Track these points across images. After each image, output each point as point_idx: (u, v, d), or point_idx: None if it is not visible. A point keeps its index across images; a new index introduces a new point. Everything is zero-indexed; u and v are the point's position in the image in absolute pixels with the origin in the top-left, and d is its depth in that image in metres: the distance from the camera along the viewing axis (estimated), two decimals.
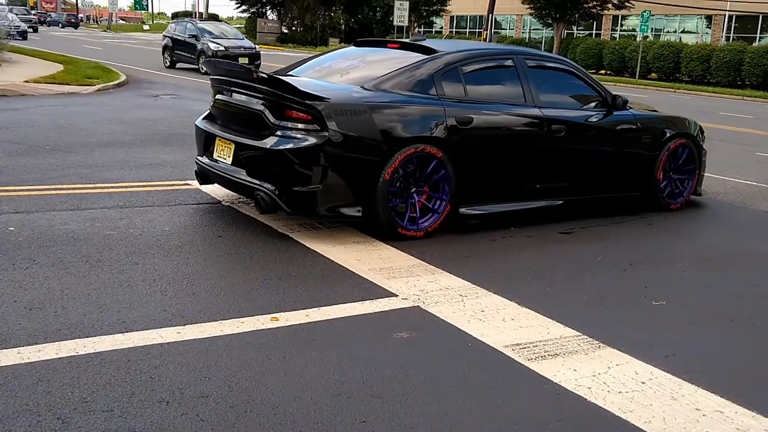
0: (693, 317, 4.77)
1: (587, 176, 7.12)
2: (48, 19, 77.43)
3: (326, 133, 5.55)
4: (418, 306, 4.59)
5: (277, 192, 5.65)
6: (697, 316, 4.81)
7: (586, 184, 7.14)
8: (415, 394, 3.46)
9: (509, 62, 6.74)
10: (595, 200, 7.27)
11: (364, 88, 6.01)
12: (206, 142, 6.49)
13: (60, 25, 75.91)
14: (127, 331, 3.90)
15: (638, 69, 34.98)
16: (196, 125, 6.75)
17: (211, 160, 6.35)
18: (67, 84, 17.62)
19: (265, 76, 5.79)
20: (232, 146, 6.04)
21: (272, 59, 32.55)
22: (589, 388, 3.64)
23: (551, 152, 6.76)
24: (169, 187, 7.39)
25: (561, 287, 5.17)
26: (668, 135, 7.58)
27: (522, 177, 6.67)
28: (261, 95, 5.87)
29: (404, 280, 5.06)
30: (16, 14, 46.50)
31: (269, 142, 5.68)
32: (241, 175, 5.92)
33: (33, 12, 69.11)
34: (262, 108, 5.83)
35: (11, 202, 6.37)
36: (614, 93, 7.40)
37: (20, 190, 6.81)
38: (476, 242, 6.16)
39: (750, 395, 3.67)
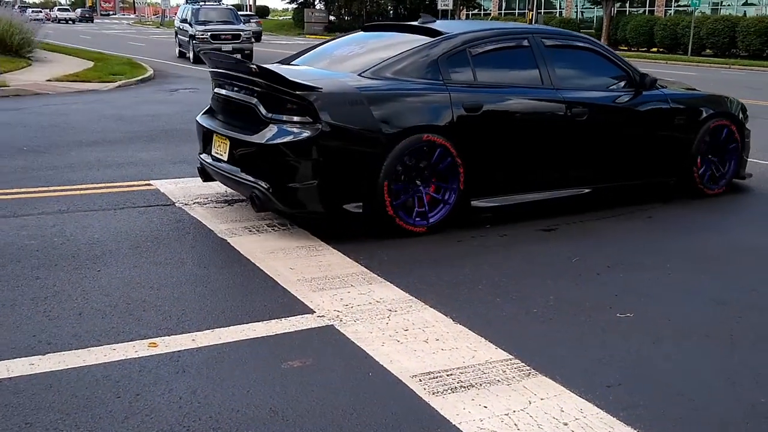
0: (660, 333, 4.05)
1: (615, 162, 6.54)
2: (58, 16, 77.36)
3: (319, 125, 5.15)
4: (332, 325, 4.00)
5: (271, 189, 5.25)
6: (665, 331, 4.08)
7: (614, 170, 6.58)
8: None
9: (524, 42, 6.20)
10: (625, 187, 6.68)
11: (361, 76, 5.60)
12: (205, 139, 6.14)
13: (69, 21, 75.76)
14: None
15: (690, 45, 33.30)
16: (196, 121, 6.39)
17: (210, 158, 5.97)
18: (89, 81, 17.51)
19: (254, 66, 5.41)
20: (228, 142, 5.67)
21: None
22: None
23: (573, 138, 6.22)
24: (127, 189, 6.95)
25: (513, 297, 4.50)
26: (705, 115, 6.93)
27: (540, 166, 6.15)
28: (253, 87, 5.51)
29: (332, 292, 4.47)
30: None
31: (261, 137, 5.31)
32: (237, 172, 5.56)
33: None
34: (255, 101, 5.46)
35: None
36: (642, 71, 6.75)
37: None
38: (439, 244, 5.53)
39: None
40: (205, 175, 6.26)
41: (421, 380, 3.41)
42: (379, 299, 4.38)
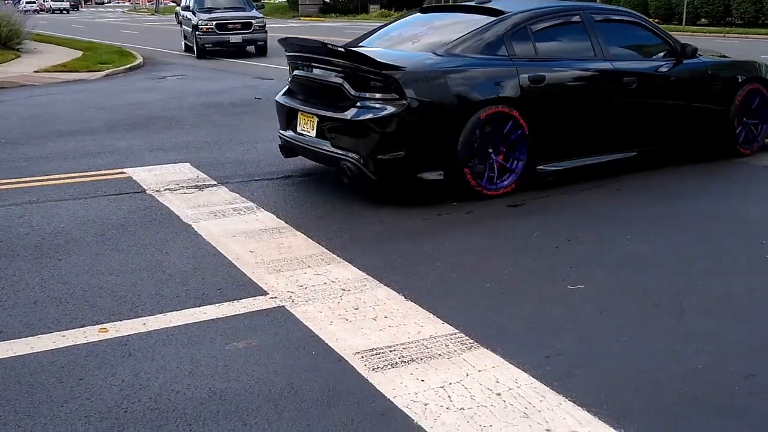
0: (609, 303, 4.09)
1: (661, 126, 6.98)
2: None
3: (405, 101, 5.62)
4: (283, 306, 4.04)
5: (361, 161, 5.74)
6: (615, 301, 4.12)
7: (660, 134, 7.02)
8: (202, 425, 2.94)
9: (576, 18, 6.68)
10: (669, 150, 7.16)
11: (437, 54, 6.05)
12: (288, 117, 6.60)
13: (63, 11, 75.14)
14: None
15: (685, 15, 33.06)
16: (276, 101, 6.88)
17: (295, 134, 6.46)
18: (76, 71, 17.51)
19: (342, 49, 5.87)
20: (315, 119, 6.15)
21: (305, 32, 31.95)
22: (426, 405, 3.05)
23: (624, 104, 6.68)
24: (100, 177, 6.99)
25: (469, 273, 4.54)
26: (740, 80, 7.39)
27: (596, 131, 6.62)
28: (339, 68, 5.95)
29: (288, 273, 4.52)
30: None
31: (350, 114, 5.77)
32: (326, 146, 6.04)
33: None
34: (340, 81, 5.91)
35: None
36: (683, 42, 7.21)
37: None
38: (403, 222, 5.57)
39: (627, 411, 3.02)
40: (288, 150, 6.75)
41: (363, 357, 3.46)
42: (334, 279, 4.43)
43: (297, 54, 6.53)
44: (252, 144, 8.52)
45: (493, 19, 6.35)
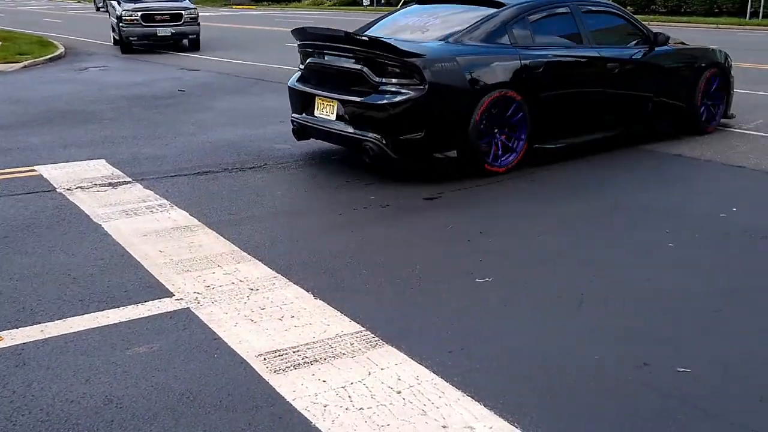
0: (513, 296, 4.16)
1: (638, 107, 7.72)
2: None
3: (424, 86, 6.05)
4: (188, 308, 3.99)
5: (384, 141, 6.15)
6: (519, 294, 4.20)
7: (638, 114, 7.77)
8: None
9: (566, 9, 7.24)
10: (646, 128, 7.93)
11: (449, 43, 6.47)
12: (304, 101, 6.94)
13: None
14: None
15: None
16: (290, 87, 7.26)
17: (312, 117, 6.82)
18: None
19: (365, 38, 6.30)
20: (335, 103, 6.51)
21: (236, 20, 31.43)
22: (326, 406, 3.06)
23: (609, 88, 7.37)
24: (9, 176, 6.77)
25: (380, 269, 4.56)
26: (703, 65, 8.25)
27: (585, 112, 7.25)
28: (359, 55, 6.33)
29: (197, 273, 4.45)
30: None
31: (373, 98, 6.19)
32: (347, 128, 6.42)
33: None
34: (360, 67, 6.30)
35: None
36: (656, 31, 7.89)
37: None
38: (318, 218, 5.57)
39: (523, 404, 3.08)
40: (301, 133, 7.15)
41: (265, 359, 3.44)
42: (243, 279, 4.39)
43: (312, 42, 6.91)
44: (171, 138, 8.37)
45: (495, 10, 6.82)
